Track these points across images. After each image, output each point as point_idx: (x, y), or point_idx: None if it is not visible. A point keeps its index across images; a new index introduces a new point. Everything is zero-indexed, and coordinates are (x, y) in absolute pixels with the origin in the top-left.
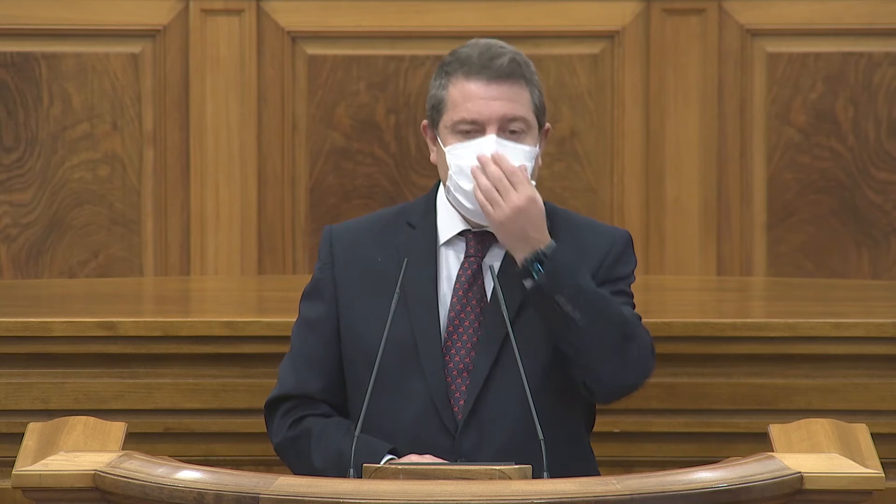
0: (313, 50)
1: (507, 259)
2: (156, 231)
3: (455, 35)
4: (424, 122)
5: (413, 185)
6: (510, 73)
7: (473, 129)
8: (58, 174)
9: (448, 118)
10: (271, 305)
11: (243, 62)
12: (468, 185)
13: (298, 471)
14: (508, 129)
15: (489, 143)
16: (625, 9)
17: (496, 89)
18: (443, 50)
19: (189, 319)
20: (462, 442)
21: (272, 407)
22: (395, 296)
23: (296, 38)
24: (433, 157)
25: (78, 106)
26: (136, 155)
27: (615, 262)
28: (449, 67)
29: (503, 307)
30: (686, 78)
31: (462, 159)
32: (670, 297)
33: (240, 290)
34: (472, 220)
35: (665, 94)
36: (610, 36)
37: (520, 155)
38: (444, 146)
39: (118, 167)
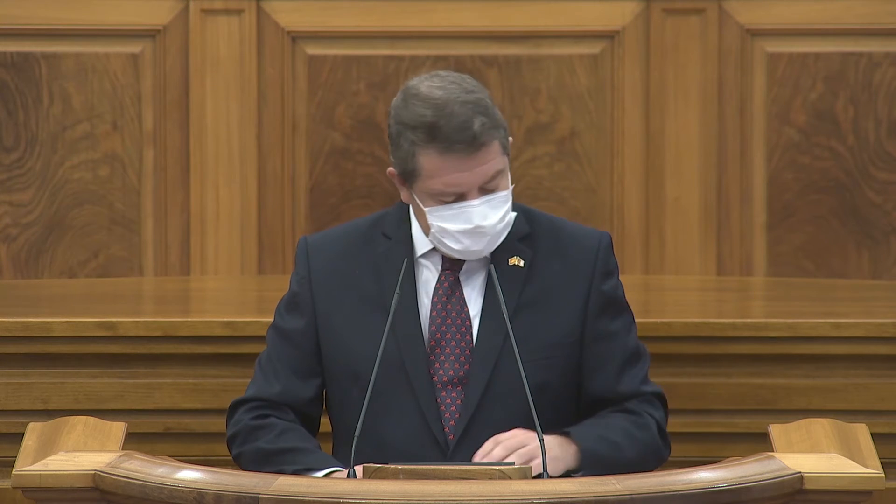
0: (313, 50)
1: (499, 270)
2: (156, 231)
3: (455, 35)
4: (391, 169)
5: None
6: (484, 141)
7: (455, 195)
8: (58, 174)
9: (425, 186)
10: (271, 305)
11: (243, 62)
12: (456, 245)
13: (245, 457)
14: (487, 186)
15: (474, 213)
16: (625, 9)
17: (473, 160)
18: (443, 50)
19: (189, 319)
20: (454, 458)
21: (240, 404)
22: (396, 295)
23: (296, 38)
24: (404, 197)
25: (78, 106)
26: (136, 155)
27: (604, 276)
28: (415, 136)
29: (505, 314)
30: (686, 78)
31: (445, 222)
32: (670, 297)
33: (240, 290)
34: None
35: (665, 94)
36: (610, 36)
37: (500, 203)
38: (423, 206)
39: (118, 167)
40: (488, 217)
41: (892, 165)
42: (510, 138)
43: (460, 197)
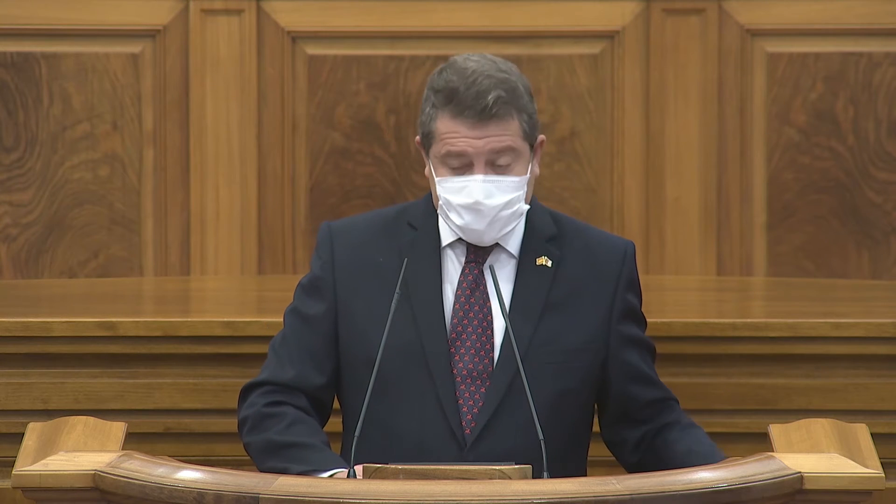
0: (313, 50)
1: (521, 270)
2: (156, 231)
3: (455, 35)
4: (418, 138)
5: (413, 185)
6: (495, 113)
7: (461, 163)
8: (58, 174)
9: (436, 150)
10: (271, 305)
11: (243, 62)
12: (458, 220)
13: (254, 447)
14: (496, 162)
15: (476, 188)
16: (625, 9)
17: (482, 129)
18: (443, 50)
19: (189, 319)
20: (471, 452)
21: (253, 387)
22: (395, 295)
23: (296, 38)
24: (427, 171)
25: (78, 106)
26: (136, 155)
27: (628, 284)
28: (437, 98)
29: (506, 315)
30: (686, 78)
31: (450, 194)
32: (670, 297)
33: (240, 290)
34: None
35: (665, 94)
36: (610, 36)
37: (508, 188)
38: (435, 175)
39: (118, 167)
40: (492, 196)
41: (892, 165)
42: (542, 137)
43: (467, 169)
